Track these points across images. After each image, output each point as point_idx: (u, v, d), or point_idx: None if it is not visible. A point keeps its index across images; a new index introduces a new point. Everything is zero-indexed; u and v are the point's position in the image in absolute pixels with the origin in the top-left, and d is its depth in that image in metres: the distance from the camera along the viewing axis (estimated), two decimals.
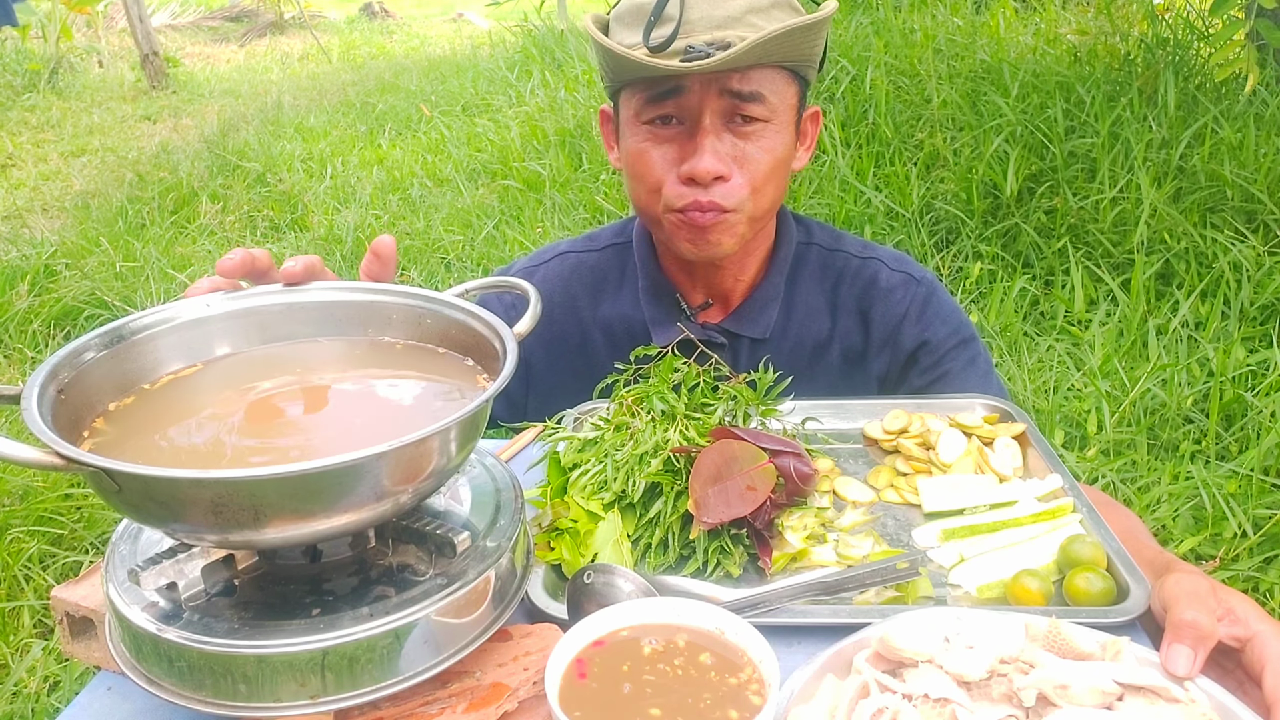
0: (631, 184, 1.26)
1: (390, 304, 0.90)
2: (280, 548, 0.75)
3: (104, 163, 6.54)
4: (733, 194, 1.18)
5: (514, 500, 0.85)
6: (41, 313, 3.83)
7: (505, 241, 4.28)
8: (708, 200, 1.17)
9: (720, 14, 1.13)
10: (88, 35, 10.82)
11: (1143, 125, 3.56)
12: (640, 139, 1.20)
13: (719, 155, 1.15)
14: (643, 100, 1.18)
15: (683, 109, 1.17)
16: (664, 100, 1.16)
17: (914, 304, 1.34)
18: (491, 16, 9.48)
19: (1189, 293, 3.08)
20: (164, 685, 0.70)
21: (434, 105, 6.77)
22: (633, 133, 1.22)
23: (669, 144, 1.19)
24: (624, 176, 1.29)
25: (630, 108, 1.21)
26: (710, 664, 0.70)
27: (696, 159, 1.15)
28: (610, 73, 1.21)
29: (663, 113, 1.17)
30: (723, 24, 1.12)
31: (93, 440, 0.75)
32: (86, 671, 2.06)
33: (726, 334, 1.34)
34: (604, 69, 1.22)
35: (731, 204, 1.18)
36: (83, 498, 2.67)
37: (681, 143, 1.18)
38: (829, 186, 3.78)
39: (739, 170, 1.18)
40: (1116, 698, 0.69)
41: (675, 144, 1.18)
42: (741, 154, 1.17)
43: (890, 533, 0.98)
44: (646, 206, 1.24)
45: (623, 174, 1.30)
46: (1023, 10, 5.05)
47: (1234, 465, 2.43)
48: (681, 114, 1.17)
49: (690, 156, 1.16)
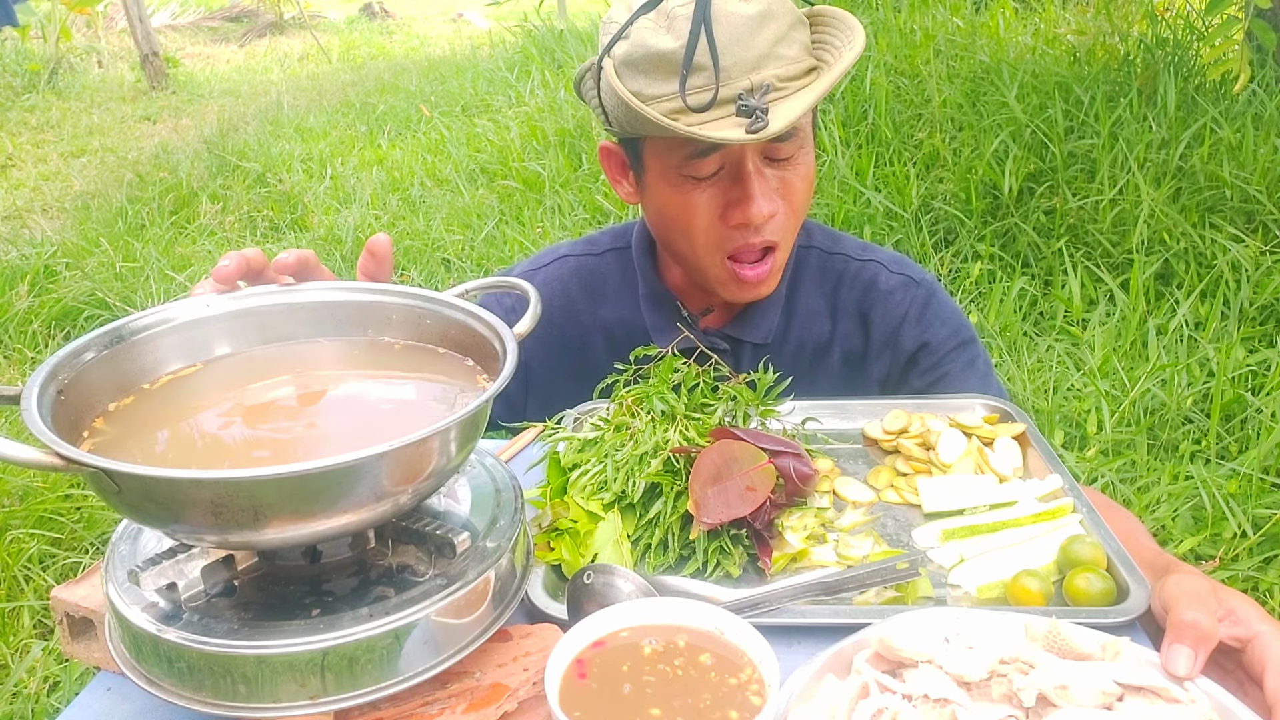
0: (669, 230, 1.22)
1: (390, 304, 0.90)
2: (280, 548, 0.75)
3: (104, 163, 6.54)
4: (779, 226, 1.18)
5: (514, 500, 0.85)
6: (41, 313, 3.83)
7: (505, 241, 4.28)
8: (759, 240, 1.17)
9: (752, 55, 1.06)
10: (87, 35, 10.82)
11: (1142, 125, 3.56)
12: (681, 190, 1.16)
13: (768, 196, 1.14)
14: (681, 156, 1.14)
15: (727, 157, 1.14)
16: (706, 155, 1.13)
17: (914, 306, 1.34)
18: (491, 16, 9.48)
19: (1188, 293, 3.08)
20: (164, 686, 0.70)
21: (434, 105, 6.77)
22: (668, 182, 1.18)
23: (711, 190, 1.16)
24: (654, 219, 1.26)
25: (665, 160, 1.16)
26: (710, 664, 0.70)
27: (751, 206, 1.13)
28: (636, 126, 1.14)
29: (708, 170, 1.14)
30: (756, 65, 1.06)
31: (92, 440, 0.75)
32: (86, 672, 2.06)
33: (728, 339, 1.34)
34: (623, 123, 1.15)
35: (779, 236, 1.19)
36: (83, 498, 2.67)
37: (725, 188, 1.15)
38: (829, 186, 3.78)
39: (783, 203, 1.17)
40: (1116, 698, 0.69)
41: (718, 189, 1.16)
42: (784, 185, 1.17)
43: (890, 533, 0.98)
44: (689, 254, 1.22)
45: (651, 216, 1.27)
46: (1022, 10, 5.05)
47: (1234, 465, 2.43)
48: (724, 161, 1.14)
49: (739, 202, 1.14)
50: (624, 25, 1.10)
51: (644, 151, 1.20)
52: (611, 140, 1.29)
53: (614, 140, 1.28)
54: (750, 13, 1.06)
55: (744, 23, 1.05)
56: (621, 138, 1.24)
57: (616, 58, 1.11)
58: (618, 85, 1.08)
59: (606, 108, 1.17)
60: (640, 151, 1.21)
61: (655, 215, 1.25)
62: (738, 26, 1.05)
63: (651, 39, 1.07)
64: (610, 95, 1.13)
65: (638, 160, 1.23)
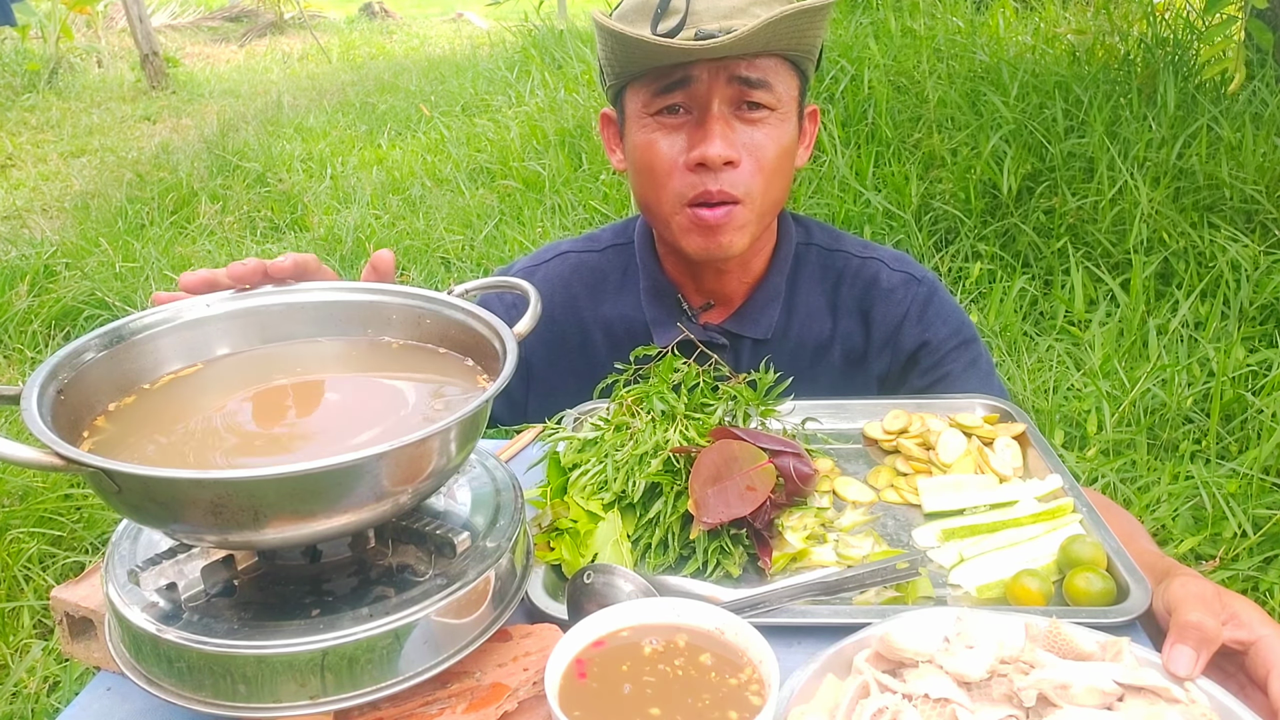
0: (639, 179, 1.25)
1: (390, 304, 0.90)
2: (280, 548, 0.75)
3: (104, 163, 6.53)
4: (741, 181, 1.18)
5: (514, 500, 0.85)
6: (41, 313, 3.83)
7: (505, 241, 4.28)
8: (717, 189, 1.17)
9: (726, 5, 1.14)
10: (87, 35, 10.82)
11: (1141, 125, 3.56)
12: (648, 131, 1.21)
13: (729, 141, 1.16)
14: (650, 92, 1.19)
15: (691, 97, 1.17)
16: (673, 90, 1.17)
17: (915, 304, 1.34)
18: (491, 16, 9.49)
19: (1188, 293, 3.08)
20: (164, 685, 0.70)
21: (434, 105, 6.77)
22: (640, 126, 1.22)
23: (677, 133, 1.19)
24: (630, 174, 1.29)
25: (637, 101, 1.21)
26: (710, 664, 0.70)
27: (707, 144, 1.15)
28: (617, 64, 1.20)
29: (671, 102, 1.18)
30: (729, 14, 1.13)
31: (92, 440, 0.75)
32: (86, 672, 2.06)
33: (728, 335, 1.34)
34: (610, 63, 1.22)
35: (740, 192, 1.18)
36: (83, 498, 2.67)
37: (690, 131, 1.18)
38: (828, 186, 3.78)
39: (748, 157, 1.18)
40: (1117, 698, 0.70)
41: (683, 133, 1.19)
42: (750, 141, 1.18)
43: (890, 533, 0.98)
44: (654, 203, 1.24)
45: (628, 173, 1.29)
46: (1022, 10, 5.05)
47: (1234, 465, 2.43)
48: (690, 103, 1.18)
49: (700, 143, 1.16)
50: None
51: (625, 102, 1.25)
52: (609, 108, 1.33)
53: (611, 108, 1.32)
54: None
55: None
56: (614, 97, 1.28)
57: (614, 15, 1.20)
58: (596, 17, 1.16)
59: (601, 63, 1.24)
60: (624, 104, 1.25)
61: (631, 169, 1.27)
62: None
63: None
64: (598, 41, 1.20)
65: (622, 114, 1.27)
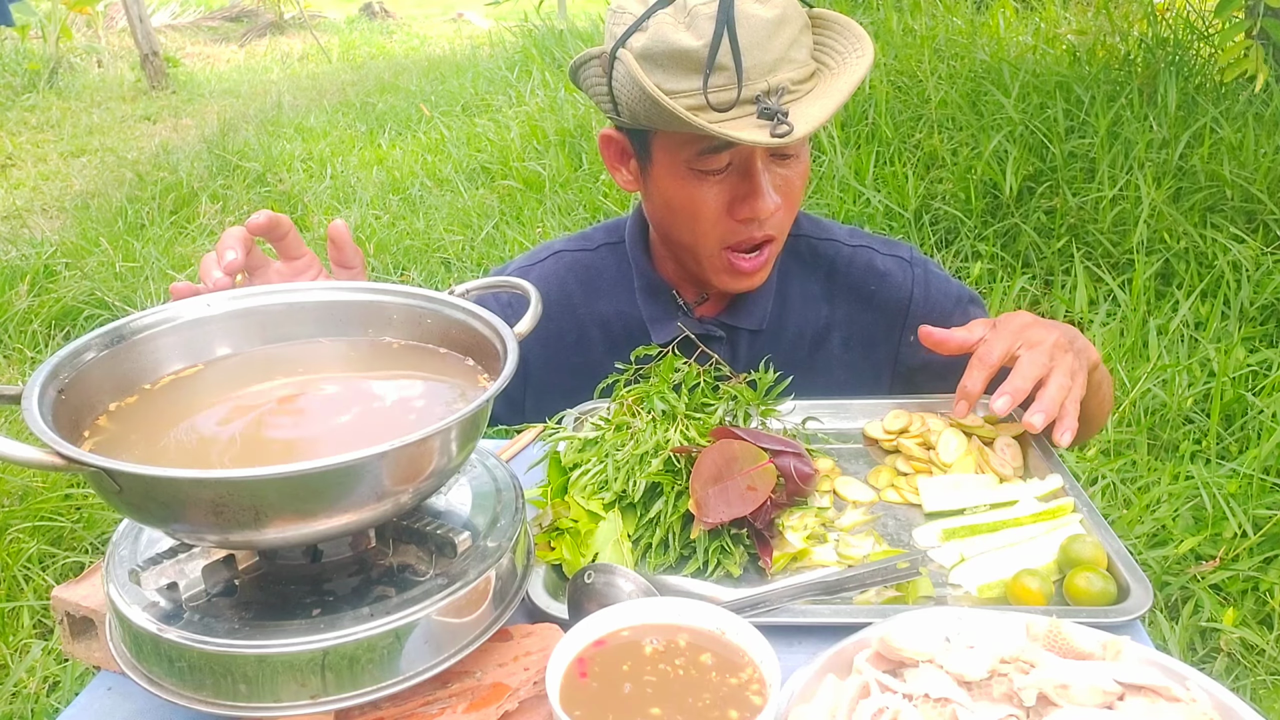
0: (672, 219, 1.24)
1: (390, 304, 0.90)
2: (281, 548, 0.75)
3: (104, 163, 6.53)
4: (779, 222, 1.22)
5: (514, 500, 0.85)
6: (41, 313, 3.83)
7: (505, 241, 4.28)
8: (762, 235, 1.20)
9: (769, 58, 1.09)
10: (88, 35, 10.81)
11: (1142, 125, 3.56)
12: (689, 183, 1.19)
13: (774, 192, 1.18)
14: (693, 151, 1.16)
15: (736, 154, 1.16)
16: (720, 151, 1.15)
17: (916, 283, 1.38)
18: (491, 16, 9.48)
19: (1189, 293, 3.08)
20: (164, 685, 0.70)
21: (434, 105, 6.77)
22: (676, 175, 1.20)
23: (720, 185, 1.18)
24: (657, 209, 1.28)
25: (675, 154, 1.18)
26: (711, 664, 0.70)
27: (759, 202, 1.16)
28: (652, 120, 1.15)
29: (720, 164, 1.17)
30: (773, 67, 1.09)
31: (93, 440, 0.75)
32: (86, 672, 2.06)
33: (724, 326, 1.35)
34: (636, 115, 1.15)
35: (777, 231, 1.22)
36: (83, 498, 2.67)
37: (734, 184, 1.18)
38: (828, 186, 3.78)
39: (784, 198, 1.19)
40: (1117, 697, 0.69)
41: (727, 185, 1.18)
42: (784, 183, 1.20)
43: (890, 533, 0.98)
44: (691, 244, 1.24)
45: (653, 206, 1.29)
46: (1022, 10, 5.05)
47: (1234, 465, 2.43)
48: (734, 158, 1.17)
49: (748, 198, 1.17)
50: (640, 18, 1.11)
51: (652, 144, 1.21)
52: (613, 128, 1.29)
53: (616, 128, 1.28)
54: (769, 16, 1.08)
55: (763, 26, 1.07)
56: (627, 127, 1.24)
57: (634, 50, 1.10)
58: (642, 77, 1.07)
59: (619, 98, 1.15)
60: (648, 143, 1.22)
61: (660, 206, 1.26)
62: (758, 29, 1.07)
63: (672, 35, 1.08)
64: (628, 86, 1.12)
65: (644, 150, 1.24)
